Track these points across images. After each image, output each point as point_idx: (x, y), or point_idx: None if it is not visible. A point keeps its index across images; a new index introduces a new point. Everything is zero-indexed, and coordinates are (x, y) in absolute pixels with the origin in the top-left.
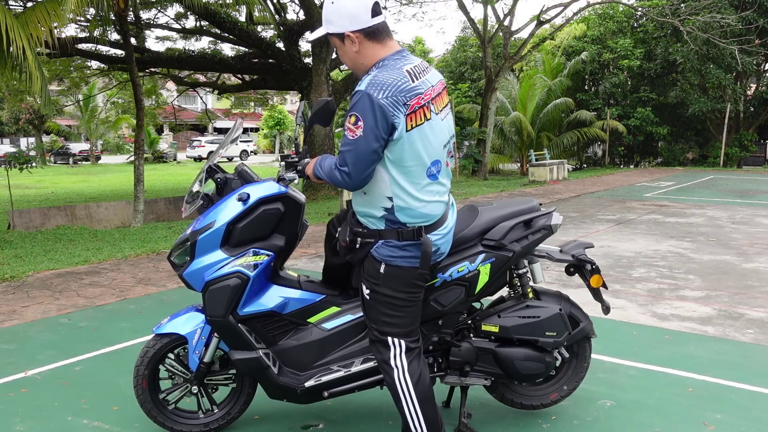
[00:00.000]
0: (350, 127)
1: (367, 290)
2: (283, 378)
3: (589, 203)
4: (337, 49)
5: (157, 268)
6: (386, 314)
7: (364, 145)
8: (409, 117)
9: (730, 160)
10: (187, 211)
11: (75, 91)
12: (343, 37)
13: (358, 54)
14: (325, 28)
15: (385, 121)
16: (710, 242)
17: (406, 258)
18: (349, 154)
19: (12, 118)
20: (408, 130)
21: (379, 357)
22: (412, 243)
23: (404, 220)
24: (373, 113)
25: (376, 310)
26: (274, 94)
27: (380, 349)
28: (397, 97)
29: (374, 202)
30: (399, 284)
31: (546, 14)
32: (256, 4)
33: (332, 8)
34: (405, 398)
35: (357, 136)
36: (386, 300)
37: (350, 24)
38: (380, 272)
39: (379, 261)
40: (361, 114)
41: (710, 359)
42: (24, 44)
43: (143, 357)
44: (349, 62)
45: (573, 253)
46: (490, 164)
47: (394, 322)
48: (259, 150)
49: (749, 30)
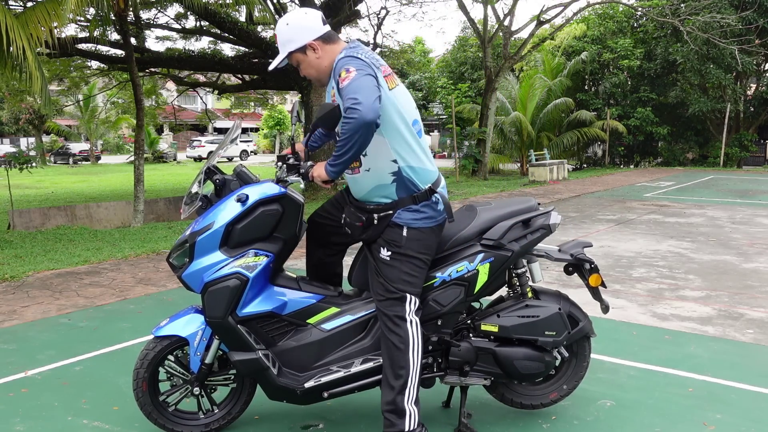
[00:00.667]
0: (343, 76)
1: (388, 252)
2: (282, 379)
3: (589, 203)
4: (300, 64)
5: (157, 268)
6: (406, 273)
7: (361, 77)
8: (387, 78)
9: (730, 160)
10: (186, 213)
11: (75, 91)
12: (305, 48)
13: (320, 59)
14: (286, 49)
15: (372, 67)
16: (710, 242)
17: (425, 219)
18: (351, 88)
19: (12, 118)
20: (390, 89)
21: (393, 313)
22: (427, 203)
23: (414, 179)
24: (360, 61)
25: (397, 270)
26: (274, 94)
27: (395, 305)
28: (372, 60)
29: (380, 172)
30: (420, 246)
31: (546, 14)
32: (256, 4)
33: (289, 29)
34: (413, 349)
35: (352, 76)
36: (408, 260)
37: (309, 35)
38: (403, 235)
39: (401, 225)
40: (350, 64)
41: (710, 359)
42: (24, 44)
43: (143, 360)
44: (313, 71)
45: (572, 253)
46: (490, 164)
47: (412, 281)
48: (259, 150)
49: (749, 30)
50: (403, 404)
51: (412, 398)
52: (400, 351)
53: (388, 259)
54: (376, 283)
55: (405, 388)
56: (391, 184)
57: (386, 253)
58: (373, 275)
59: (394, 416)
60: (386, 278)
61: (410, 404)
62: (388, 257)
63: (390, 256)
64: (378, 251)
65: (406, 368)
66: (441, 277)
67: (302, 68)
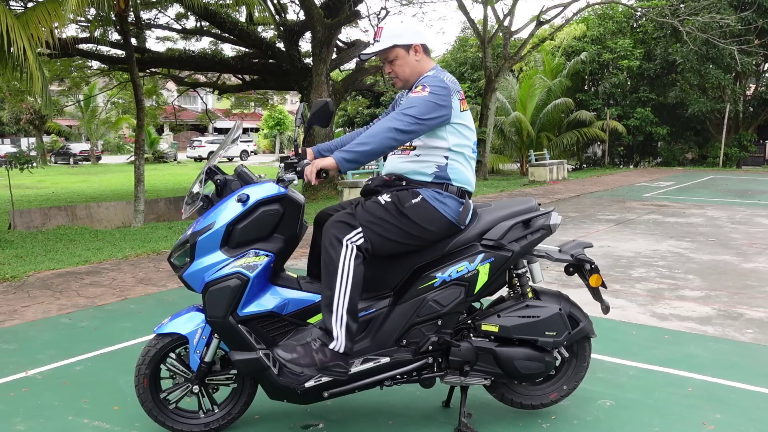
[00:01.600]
0: (418, 90)
1: (387, 198)
2: (283, 379)
3: (589, 203)
4: (397, 60)
5: (157, 268)
6: (379, 225)
7: (429, 99)
8: (461, 101)
9: (729, 160)
10: (186, 213)
11: (75, 91)
12: (409, 48)
13: (419, 62)
14: (392, 41)
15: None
16: (710, 242)
17: (443, 204)
18: (415, 101)
19: (13, 119)
20: (462, 110)
21: (335, 232)
22: (452, 197)
23: (452, 177)
24: (441, 86)
25: (374, 216)
26: (274, 94)
27: (342, 228)
28: (455, 85)
29: (428, 162)
30: (420, 217)
31: (546, 14)
32: (257, 5)
33: (402, 25)
34: (341, 276)
35: (423, 93)
36: (396, 218)
37: (417, 38)
38: (413, 201)
39: (418, 194)
40: (432, 83)
41: (710, 359)
42: (25, 44)
43: (145, 356)
44: (407, 70)
45: (572, 253)
46: (490, 164)
47: (375, 230)
48: (260, 150)
49: (748, 30)
50: (331, 324)
51: (341, 323)
52: (328, 271)
53: (380, 202)
54: (346, 211)
55: (331, 307)
56: (431, 174)
57: (385, 198)
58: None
59: (325, 334)
60: (359, 214)
61: (338, 327)
62: (382, 202)
63: (385, 202)
64: (377, 195)
65: (332, 290)
66: (441, 277)
67: (396, 65)
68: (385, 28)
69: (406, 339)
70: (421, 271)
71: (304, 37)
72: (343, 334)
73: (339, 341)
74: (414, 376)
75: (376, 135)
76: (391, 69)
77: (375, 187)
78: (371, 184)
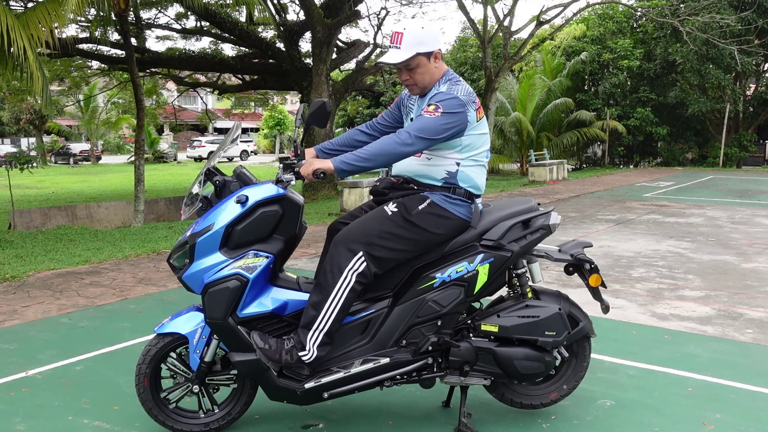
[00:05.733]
0: (431, 110)
1: (394, 208)
2: (282, 379)
3: (589, 203)
4: (418, 68)
5: (157, 268)
6: (384, 237)
7: (441, 122)
8: (477, 111)
9: (729, 161)
10: (186, 214)
11: (75, 91)
12: (430, 55)
13: (437, 68)
14: (416, 50)
15: (462, 107)
16: (710, 242)
17: (454, 205)
18: (425, 122)
19: (13, 118)
20: (478, 120)
21: (336, 260)
22: (461, 199)
23: (461, 182)
24: (456, 102)
25: (380, 231)
26: (274, 94)
27: (343, 254)
28: (470, 97)
29: (439, 167)
30: (427, 222)
31: (546, 14)
32: (257, 5)
33: (424, 32)
34: (332, 302)
35: (435, 115)
36: (403, 227)
37: (437, 43)
38: (419, 208)
39: (426, 198)
40: (446, 102)
41: (710, 359)
42: (25, 44)
43: (145, 355)
44: (427, 77)
45: (572, 253)
46: (490, 164)
47: (379, 245)
48: (260, 150)
49: (748, 30)
50: (306, 338)
51: (316, 340)
52: (321, 294)
53: (387, 213)
54: (355, 226)
55: (311, 325)
56: (440, 179)
57: (391, 207)
58: (357, 220)
59: (298, 344)
60: (362, 228)
61: (312, 344)
62: (389, 213)
63: (392, 213)
64: (385, 204)
65: (318, 311)
66: (441, 277)
67: (417, 72)
68: (407, 35)
69: (406, 339)
70: (420, 271)
71: (304, 37)
72: (315, 349)
73: (310, 354)
74: (414, 377)
75: (382, 154)
76: (409, 76)
77: (383, 188)
78: (379, 185)
